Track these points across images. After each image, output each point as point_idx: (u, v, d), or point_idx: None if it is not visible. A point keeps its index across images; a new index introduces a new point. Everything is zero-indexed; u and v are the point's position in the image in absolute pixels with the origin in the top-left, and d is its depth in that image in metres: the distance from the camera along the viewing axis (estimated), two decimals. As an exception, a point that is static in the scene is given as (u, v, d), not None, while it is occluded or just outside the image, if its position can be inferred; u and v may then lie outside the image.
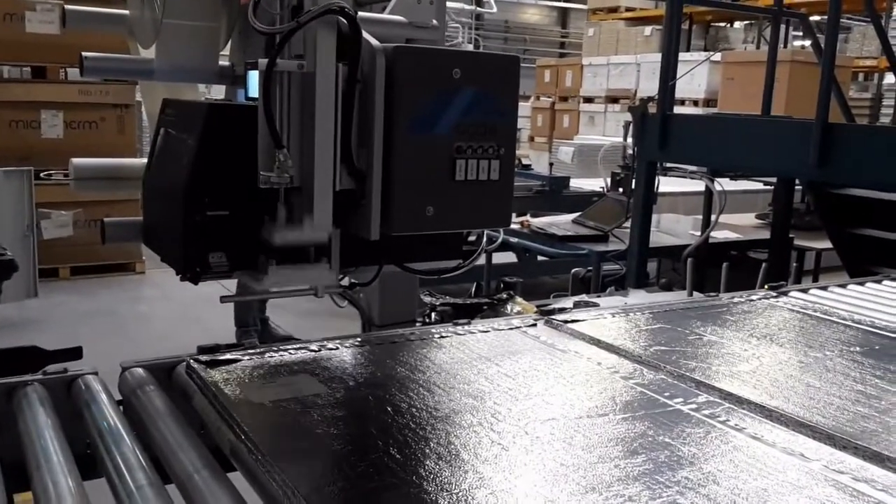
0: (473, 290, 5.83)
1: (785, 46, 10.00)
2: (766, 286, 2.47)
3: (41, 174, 6.36)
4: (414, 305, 2.46)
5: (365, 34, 1.50)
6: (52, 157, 6.52)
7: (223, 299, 1.73)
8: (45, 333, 5.26)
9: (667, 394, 1.54)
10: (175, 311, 5.94)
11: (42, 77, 6.93)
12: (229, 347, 1.69)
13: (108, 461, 1.28)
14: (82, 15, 1.86)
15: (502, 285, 3.90)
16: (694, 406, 1.48)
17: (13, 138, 6.71)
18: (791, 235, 5.77)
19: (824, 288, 2.47)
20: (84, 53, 1.74)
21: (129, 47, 1.96)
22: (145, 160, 1.82)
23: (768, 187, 6.52)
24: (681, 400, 1.51)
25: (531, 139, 13.86)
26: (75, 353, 1.66)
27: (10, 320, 4.72)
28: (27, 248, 5.91)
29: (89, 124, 7.00)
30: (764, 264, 4.31)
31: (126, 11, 1.90)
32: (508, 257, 6.60)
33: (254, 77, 1.53)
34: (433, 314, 3.12)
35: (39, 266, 6.12)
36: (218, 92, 2.05)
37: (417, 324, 2.47)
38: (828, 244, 5.44)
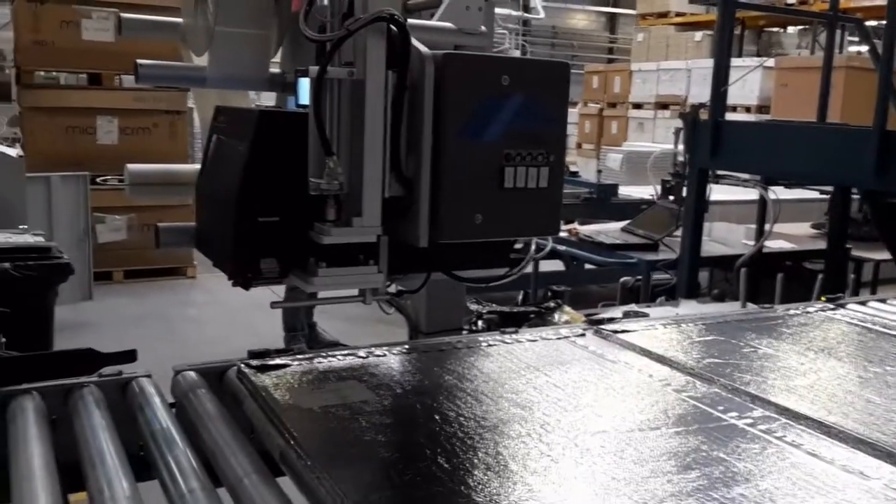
0: (521, 298, 5.80)
1: (840, 52, 9.77)
2: (822, 298, 2.41)
3: (96, 179, 6.52)
4: (461, 313, 2.45)
5: (414, 41, 1.50)
6: (107, 162, 6.68)
7: (273, 305, 1.74)
8: (100, 335, 5.38)
9: (721, 408, 1.50)
10: (225, 315, 6.02)
11: (98, 84, 7.10)
12: (279, 352, 1.70)
13: (160, 463, 1.30)
14: (137, 23, 1.90)
15: (550, 294, 3.87)
16: (749, 421, 1.44)
17: (70, 144, 6.89)
18: (848, 246, 5.62)
19: (883, 300, 2.40)
20: (138, 61, 1.77)
21: (182, 55, 1.99)
22: (198, 166, 1.85)
23: (824, 196, 6.36)
24: (735, 414, 1.47)
25: (579, 146, 13.75)
26: (129, 356, 1.69)
27: (66, 322, 4.83)
28: (83, 252, 6.07)
29: (143, 130, 7.16)
30: (820, 275, 4.20)
31: (179, 20, 1.93)
32: (555, 265, 6.55)
33: (304, 84, 1.54)
34: (480, 322, 3.11)
35: (94, 269, 6.27)
36: (268, 99, 2.08)
37: (464, 332, 2.47)
38: (886, 255, 5.27)
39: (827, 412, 1.49)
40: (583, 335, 1.94)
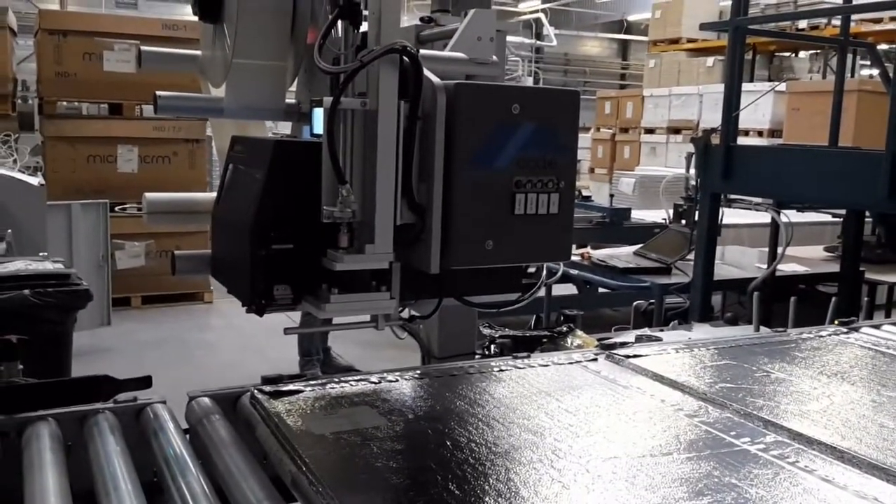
0: (533, 322, 5.79)
1: (852, 76, 9.77)
2: (836, 321, 2.40)
3: (116, 207, 6.60)
4: (473, 338, 2.46)
5: (426, 71, 1.53)
6: (127, 190, 6.76)
7: (287, 331, 1.75)
8: (117, 360, 5.41)
9: (733, 433, 1.50)
10: (240, 341, 6.05)
11: (119, 114, 7.20)
12: (292, 378, 1.71)
13: (173, 489, 1.31)
14: (157, 55, 1.94)
15: (562, 318, 3.86)
16: (762, 446, 1.44)
17: (91, 172, 6.98)
18: (862, 269, 5.59)
19: (898, 324, 2.39)
20: (158, 93, 1.81)
21: (201, 86, 2.03)
22: (214, 194, 1.88)
23: (837, 219, 6.34)
24: (748, 440, 1.47)
25: (591, 170, 13.77)
26: (145, 383, 1.71)
27: (84, 348, 4.87)
28: (102, 278, 6.12)
29: (162, 159, 7.25)
30: (833, 299, 4.17)
31: (198, 52, 1.97)
32: (568, 289, 6.54)
33: (319, 114, 1.57)
34: (493, 346, 3.11)
35: (112, 295, 6.32)
36: (284, 128, 2.11)
37: (477, 356, 2.47)
38: (901, 278, 5.25)
39: (840, 437, 1.49)
40: (595, 360, 1.94)
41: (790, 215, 5.11)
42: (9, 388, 1.64)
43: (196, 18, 1.88)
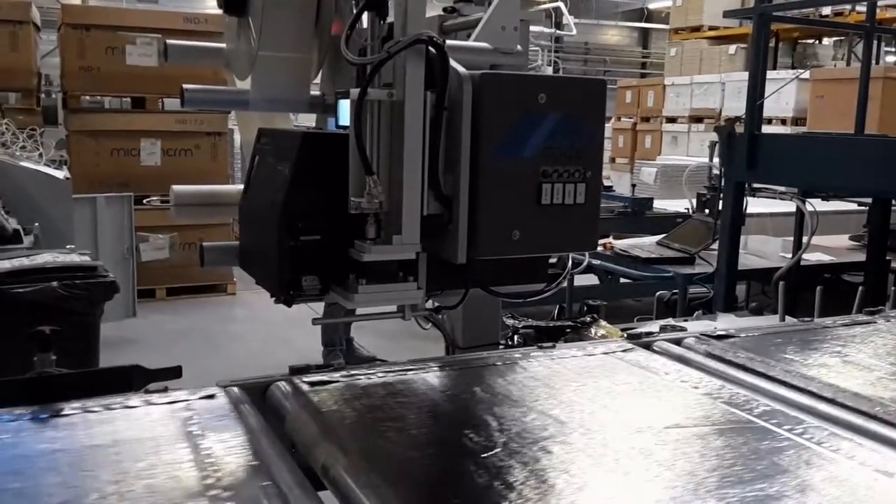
0: (556, 312, 5.78)
1: (877, 62, 9.64)
2: (863, 311, 2.38)
3: (144, 200, 6.68)
4: (497, 328, 2.46)
5: (452, 62, 1.53)
6: (151, 183, 6.84)
7: (315, 321, 1.77)
8: (144, 351, 5.47)
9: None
10: (265, 331, 6.10)
11: (142, 107, 7.27)
12: (319, 368, 1.73)
13: (207, 477, 1.32)
14: (183, 49, 1.95)
15: (586, 308, 3.86)
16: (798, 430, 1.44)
17: (115, 165, 7.06)
18: (888, 258, 5.53)
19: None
20: (184, 86, 1.82)
21: (227, 79, 2.04)
22: (241, 186, 1.90)
23: (863, 208, 6.27)
24: (776, 422, 1.46)
25: (612, 160, 13.71)
26: (175, 373, 1.73)
27: (110, 339, 4.92)
28: (127, 270, 6.19)
29: (185, 152, 7.31)
30: (860, 288, 4.13)
31: (223, 45, 1.99)
32: (590, 279, 6.52)
33: (345, 106, 1.57)
34: (516, 337, 3.12)
35: (138, 287, 6.39)
36: (307, 119, 2.12)
37: (500, 346, 2.47)
38: (928, 267, 5.19)
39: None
40: (626, 350, 1.93)
41: (815, 204, 5.07)
42: (43, 378, 1.67)
43: (217, 11, 1.89)
